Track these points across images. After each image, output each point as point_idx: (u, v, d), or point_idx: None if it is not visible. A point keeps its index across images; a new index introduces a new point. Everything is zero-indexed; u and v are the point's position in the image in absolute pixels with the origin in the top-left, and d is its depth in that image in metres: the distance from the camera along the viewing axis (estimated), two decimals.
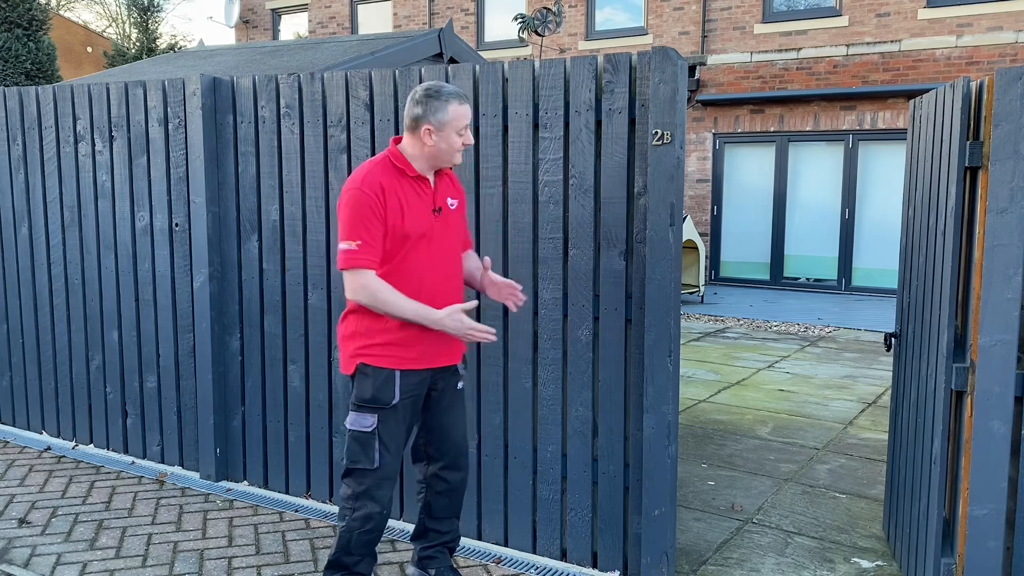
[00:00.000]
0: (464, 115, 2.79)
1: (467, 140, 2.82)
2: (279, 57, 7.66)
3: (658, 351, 3.10)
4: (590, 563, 3.38)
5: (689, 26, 13.47)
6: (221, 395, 4.24)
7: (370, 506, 2.84)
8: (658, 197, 3.05)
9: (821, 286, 12.73)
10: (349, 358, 2.86)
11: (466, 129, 2.81)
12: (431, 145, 2.77)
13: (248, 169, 4.06)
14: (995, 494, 2.62)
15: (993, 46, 11.31)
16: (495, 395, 3.50)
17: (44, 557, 3.45)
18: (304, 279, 3.94)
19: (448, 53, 7.62)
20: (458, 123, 2.78)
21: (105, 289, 4.62)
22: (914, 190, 3.37)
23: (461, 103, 2.79)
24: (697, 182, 13.54)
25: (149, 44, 21.33)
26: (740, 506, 4.09)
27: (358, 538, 2.86)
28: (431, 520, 3.14)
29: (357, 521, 2.85)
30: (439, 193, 2.88)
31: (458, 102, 2.78)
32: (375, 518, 2.85)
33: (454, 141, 2.79)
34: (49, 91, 4.69)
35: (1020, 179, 2.52)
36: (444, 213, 2.87)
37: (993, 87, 2.55)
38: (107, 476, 4.39)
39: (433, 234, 2.82)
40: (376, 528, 2.88)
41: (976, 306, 2.63)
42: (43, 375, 4.95)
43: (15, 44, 13.55)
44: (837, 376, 7.11)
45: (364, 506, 2.84)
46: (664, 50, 3.00)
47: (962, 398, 2.72)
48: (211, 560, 3.44)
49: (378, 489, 2.84)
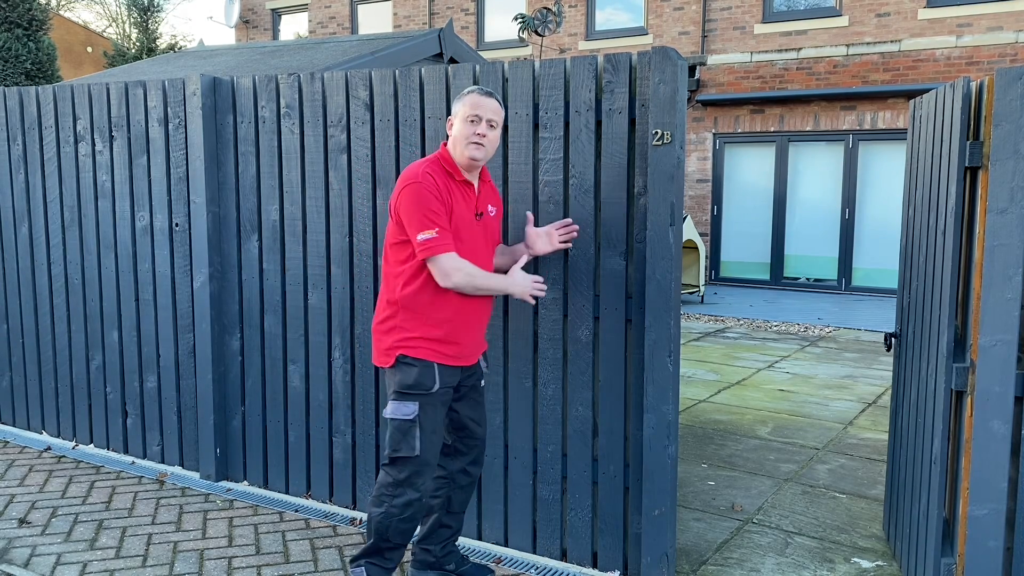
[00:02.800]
0: (475, 104, 2.84)
1: (480, 130, 2.82)
2: (279, 57, 7.66)
3: (658, 351, 3.10)
4: (590, 563, 3.38)
5: (689, 26, 13.47)
6: (221, 395, 4.24)
7: (410, 493, 2.91)
8: (658, 197, 3.05)
9: (821, 286, 12.73)
10: (387, 350, 2.94)
11: (480, 120, 2.83)
12: (451, 136, 2.88)
13: (248, 169, 4.06)
14: (995, 494, 2.62)
15: (993, 46, 11.31)
16: (495, 395, 3.50)
17: (44, 557, 3.45)
18: (304, 279, 3.94)
19: (448, 53, 7.62)
20: (467, 110, 2.84)
21: (105, 289, 4.62)
22: (914, 190, 3.37)
23: (480, 95, 2.86)
24: (697, 182, 13.54)
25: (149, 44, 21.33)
26: (740, 506, 4.09)
27: (396, 525, 2.93)
28: (447, 516, 3.20)
29: (397, 508, 2.91)
30: (481, 199, 2.98)
31: (477, 94, 2.86)
32: (414, 505, 2.92)
33: (463, 128, 2.84)
34: (49, 91, 4.69)
35: (1020, 179, 2.52)
36: (484, 219, 2.97)
37: (993, 87, 2.55)
38: (107, 476, 4.39)
39: (473, 238, 2.91)
40: (415, 516, 2.94)
41: (976, 306, 2.63)
42: (43, 375, 4.95)
43: (15, 44, 13.55)
44: (837, 376, 7.11)
45: (404, 493, 2.91)
46: (664, 50, 3.00)
47: (962, 398, 2.72)
48: (211, 560, 3.44)
49: (418, 476, 2.91)
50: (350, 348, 3.82)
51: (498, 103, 2.89)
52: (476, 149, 2.84)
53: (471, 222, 2.91)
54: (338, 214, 3.79)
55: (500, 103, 2.90)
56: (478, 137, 2.83)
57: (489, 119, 2.84)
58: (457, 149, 2.86)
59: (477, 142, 2.83)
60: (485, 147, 2.86)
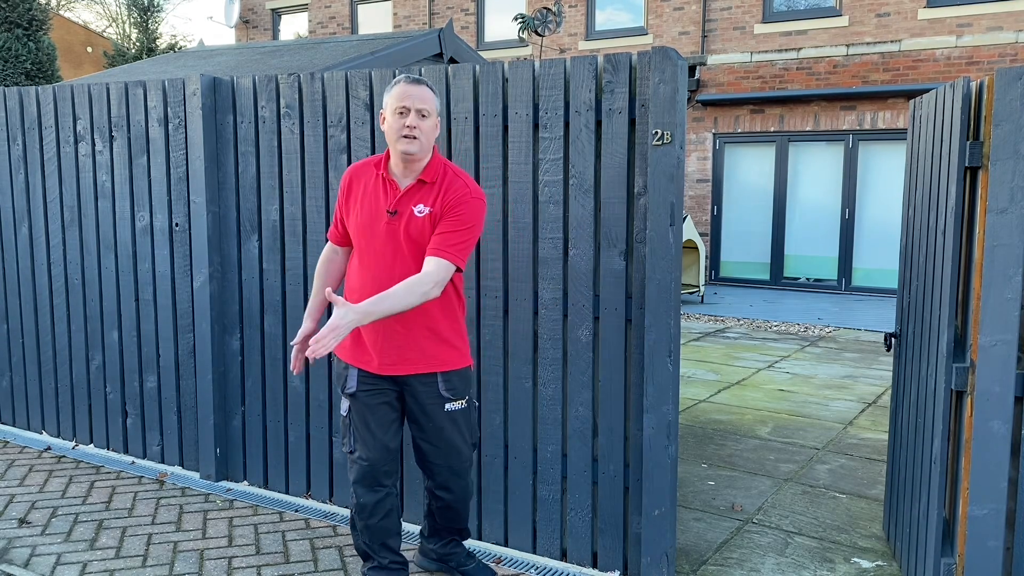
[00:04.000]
0: (402, 95, 2.66)
1: (409, 122, 2.65)
2: (279, 57, 7.66)
3: (658, 351, 3.10)
4: (590, 563, 3.38)
5: (689, 26, 13.46)
6: (221, 395, 4.24)
7: (355, 491, 2.93)
8: (658, 197, 3.05)
9: (821, 286, 12.73)
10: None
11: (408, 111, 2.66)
12: (384, 132, 2.77)
13: (248, 169, 4.06)
14: (995, 494, 2.62)
15: (993, 46, 11.31)
16: (495, 395, 3.50)
17: (44, 557, 3.45)
18: (304, 279, 3.94)
19: (448, 53, 7.62)
20: (394, 102, 2.68)
21: (105, 289, 4.62)
22: (914, 190, 3.37)
23: (407, 84, 2.68)
24: (697, 182, 13.54)
25: (149, 44, 21.33)
26: (740, 506, 4.09)
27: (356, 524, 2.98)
28: (437, 525, 3.20)
29: (352, 508, 2.97)
30: (408, 197, 2.75)
31: (404, 83, 2.69)
32: (359, 507, 2.93)
33: (392, 121, 2.70)
34: (49, 91, 4.69)
35: (1020, 179, 2.52)
36: (401, 218, 2.73)
37: (993, 87, 2.55)
38: (107, 476, 4.39)
39: (377, 234, 2.76)
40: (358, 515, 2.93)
41: (976, 306, 2.63)
42: (43, 375, 4.95)
43: (15, 44, 13.55)
44: (837, 376, 7.11)
45: (352, 494, 2.95)
46: (664, 50, 3.00)
47: (962, 398, 2.72)
48: (211, 560, 3.44)
49: (357, 473, 2.89)
50: None
51: (429, 90, 2.70)
52: (408, 143, 2.66)
53: (378, 217, 2.75)
54: None
55: (432, 90, 2.71)
56: (408, 130, 2.65)
57: (419, 108, 2.66)
58: (391, 144, 2.73)
59: (408, 135, 2.66)
60: (419, 139, 2.67)
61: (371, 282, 2.76)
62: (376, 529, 2.94)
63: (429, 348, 2.81)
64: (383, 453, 2.87)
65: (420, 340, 2.80)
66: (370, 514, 2.91)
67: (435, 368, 2.83)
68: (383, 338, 2.79)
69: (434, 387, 2.84)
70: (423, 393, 2.85)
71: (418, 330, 2.78)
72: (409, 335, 2.78)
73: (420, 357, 2.81)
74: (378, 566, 3.01)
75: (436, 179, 2.78)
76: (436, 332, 2.81)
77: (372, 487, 2.89)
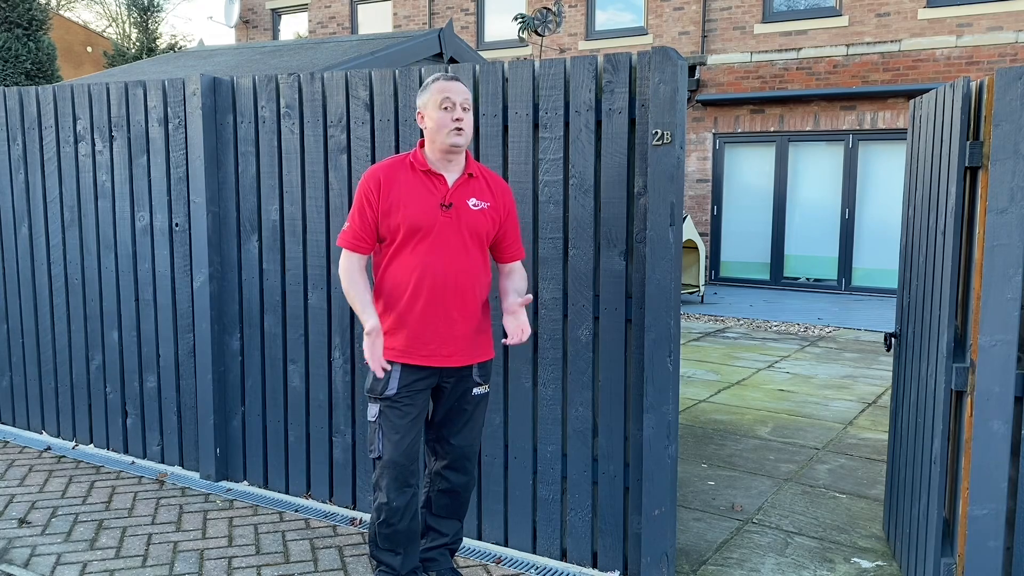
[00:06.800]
0: (444, 89, 2.74)
1: (456, 115, 2.73)
2: (279, 57, 7.66)
3: (658, 351, 3.10)
4: (590, 563, 3.38)
5: (689, 26, 13.46)
6: (221, 395, 4.24)
7: (379, 496, 2.90)
8: (658, 197, 3.05)
9: (821, 286, 12.73)
10: None
11: (454, 104, 2.72)
12: (426, 128, 2.79)
13: (248, 169, 4.06)
14: (995, 494, 2.62)
15: (993, 46, 11.31)
16: (495, 395, 3.50)
17: (44, 557, 3.45)
18: (304, 279, 3.94)
19: (448, 53, 7.62)
20: (437, 96, 2.74)
21: (105, 289, 4.62)
22: (914, 190, 3.37)
23: (446, 80, 2.76)
24: (697, 182, 13.54)
25: (149, 44, 21.33)
26: (740, 506, 4.09)
27: (375, 529, 2.96)
28: (431, 517, 3.15)
29: (374, 512, 2.94)
30: (459, 190, 2.82)
31: (443, 80, 2.76)
32: (383, 510, 2.90)
33: (439, 117, 2.74)
34: (49, 91, 4.69)
35: (1020, 179, 2.52)
36: (458, 211, 2.80)
37: (993, 87, 2.55)
38: (107, 476, 4.39)
39: (439, 229, 2.78)
40: (389, 521, 2.90)
41: (976, 306, 2.63)
42: (43, 375, 4.95)
43: (15, 44, 13.55)
44: (837, 376, 7.11)
45: (376, 496, 2.92)
46: (664, 50, 3.00)
47: (962, 398, 2.72)
48: (211, 560, 3.44)
49: (383, 479, 2.88)
50: (350, 348, 3.82)
51: (465, 86, 2.78)
52: (457, 135, 2.73)
53: (434, 212, 2.77)
54: (338, 214, 3.79)
55: (467, 87, 2.78)
56: (458, 123, 2.73)
57: (462, 102, 2.74)
58: (437, 140, 2.76)
59: (458, 127, 2.73)
60: (465, 131, 2.75)
61: (428, 276, 2.79)
62: (408, 532, 2.95)
63: (479, 338, 2.95)
64: (412, 454, 2.91)
65: (476, 332, 2.93)
66: (401, 516, 2.91)
67: (482, 358, 2.97)
68: (446, 328, 2.84)
69: (469, 374, 2.97)
70: (462, 380, 2.95)
71: (476, 322, 2.92)
72: (468, 327, 2.89)
73: (473, 348, 2.93)
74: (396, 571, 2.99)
75: (477, 172, 2.89)
76: (485, 324, 2.98)
77: (402, 488, 2.90)
